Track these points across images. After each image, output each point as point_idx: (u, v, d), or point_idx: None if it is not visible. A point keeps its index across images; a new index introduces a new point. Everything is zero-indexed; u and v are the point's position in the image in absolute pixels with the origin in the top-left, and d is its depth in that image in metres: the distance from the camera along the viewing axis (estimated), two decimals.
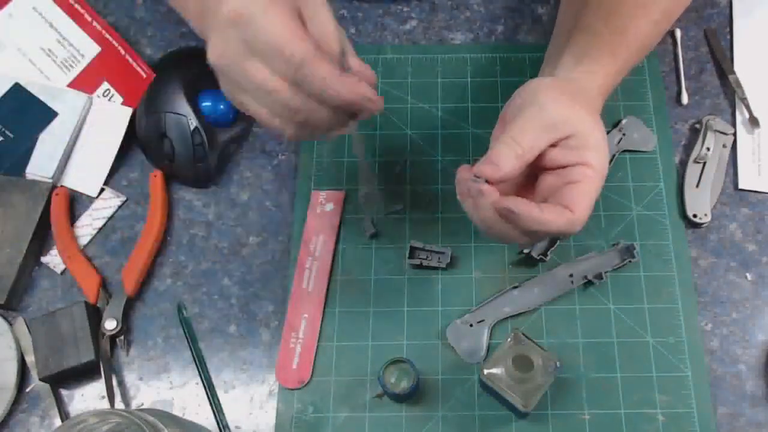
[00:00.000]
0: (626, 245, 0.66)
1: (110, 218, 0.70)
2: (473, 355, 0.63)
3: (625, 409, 0.60)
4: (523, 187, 0.54)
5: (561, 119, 0.51)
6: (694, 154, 0.69)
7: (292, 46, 0.45)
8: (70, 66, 0.73)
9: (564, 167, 0.51)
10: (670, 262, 0.66)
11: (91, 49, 0.74)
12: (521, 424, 0.60)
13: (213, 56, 0.48)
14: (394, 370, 0.60)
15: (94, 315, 0.64)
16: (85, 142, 0.71)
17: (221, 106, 0.70)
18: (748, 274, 0.66)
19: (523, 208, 0.49)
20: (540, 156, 0.51)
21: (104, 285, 0.66)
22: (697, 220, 0.66)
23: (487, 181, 0.50)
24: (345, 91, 0.47)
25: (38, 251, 0.68)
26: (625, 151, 0.70)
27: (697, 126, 0.71)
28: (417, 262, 0.65)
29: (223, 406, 0.62)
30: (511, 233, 0.51)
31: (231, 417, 0.62)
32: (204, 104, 0.70)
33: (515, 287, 0.65)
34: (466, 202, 0.52)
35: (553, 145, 0.51)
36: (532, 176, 0.54)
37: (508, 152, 0.50)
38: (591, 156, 0.51)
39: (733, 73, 0.73)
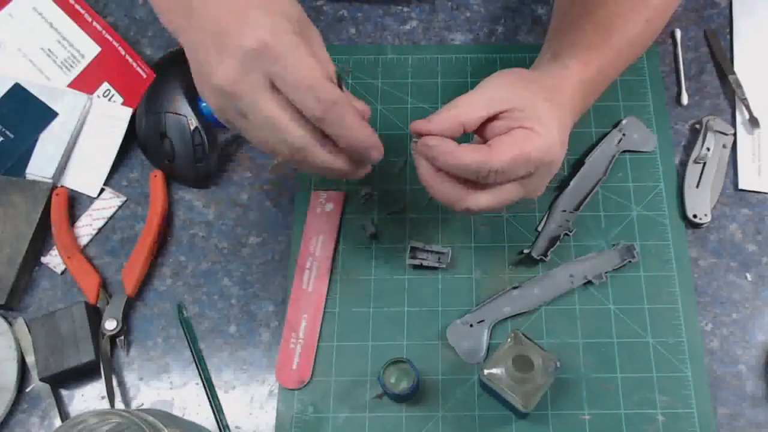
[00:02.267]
0: (626, 245, 0.66)
1: (110, 218, 0.70)
2: (473, 355, 0.63)
3: (625, 410, 0.60)
4: None
5: (499, 96, 0.54)
6: (694, 155, 0.69)
7: (325, 88, 0.47)
8: (70, 66, 0.73)
9: (504, 132, 0.53)
10: (670, 262, 0.66)
11: (91, 49, 0.74)
12: (521, 425, 0.60)
13: (224, 81, 0.47)
14: (394, 370, 0.60)
15: (94, 315, 0.64)
16: (85, 142, 0.72)
17: None
18: (748, 275, 0.66)
19: (438, 140, 0.52)
20: (485, 128, 0.54)
21: (104, 285, 0.66)
22: (697, 220, 0.66)
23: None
24: (363, 137, 0.50)
25: (38, 251, 0.68)
26: (625, 151, 0.70)
27: (697, 126, 0.71)
28: (417, 262, 0.65)
29: (223, 406, 0.62)
30: (437, 180, 0.53)
31: (231, 417, 0.62)
32: (204, 104, 0.69)
33: (515, 287, 0.65)
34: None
35: (496, 119, 0.53)
36: None
37: (444, 113, 0.53)
38: (530, 122, 0.52)
39: (733, 73, 0.73)
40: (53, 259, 0.68)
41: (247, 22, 0.46)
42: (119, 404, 0.62)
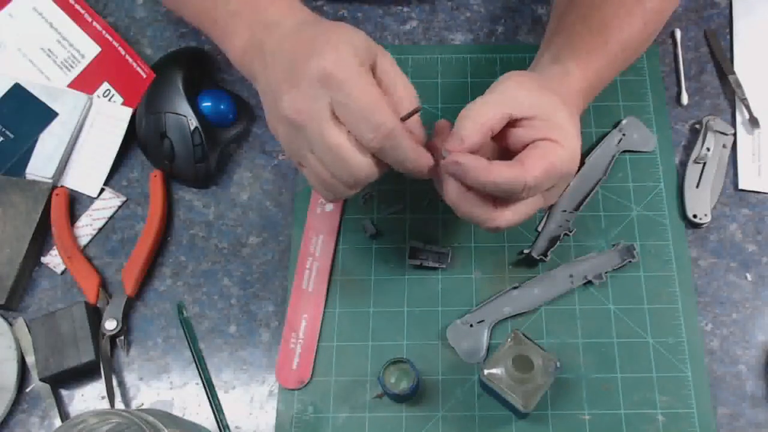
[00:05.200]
0: (626, 245, 0.66)
1: (110, 218, 0.70)
2: (473, 355, 0.63)
3: (625, 410, 0.60)
4: None
5: (522, 100, 0.52)
6: (694, 155, 0.69)
7: (383, 116, 0.47)
8: (70, 66, 0.73)
9: (530, 143, 0.52)
10: (670, 262, 0.66)
11: (91, 49, 0.74)
12: (521, 425, 0.60)
13: (291, 111, 0.49)
14: (394, 370, 0.60)
15: (94, 315, 0.64)
16: (85, 142, 0.72)
17: (221, 106, 0.70)
18: (748, 275, 0.66)
19: (469, 158, 0.50)
20: (506, 135, 0.53)
21: (104, 285, 0.66)
22: (697, 220, 0.66)
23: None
24: (423, 164, 0.51)
25: (38, 251, 0.68)
26: (625, 151, 0.70)
27: (697, 126, 0.71)
28: (417, 262, 0.65)
29: (223, 406, 0.62)
30: (466, 200, 0.52)
31: (231, 417, 0.62)
32: (204, 104, 0.70)
33: (515, 287, 0.65)
34: (437, 184, 0.55)
35: (517, 126, 0.52)
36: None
37: (470, 123, 0.51)
38: (555, 133, 0.52)
39: (733, 73, 0.73)
40: (53, 259, 0.68)
41: (313, 53, 0.48)
42: (119, 404, 0.62)
